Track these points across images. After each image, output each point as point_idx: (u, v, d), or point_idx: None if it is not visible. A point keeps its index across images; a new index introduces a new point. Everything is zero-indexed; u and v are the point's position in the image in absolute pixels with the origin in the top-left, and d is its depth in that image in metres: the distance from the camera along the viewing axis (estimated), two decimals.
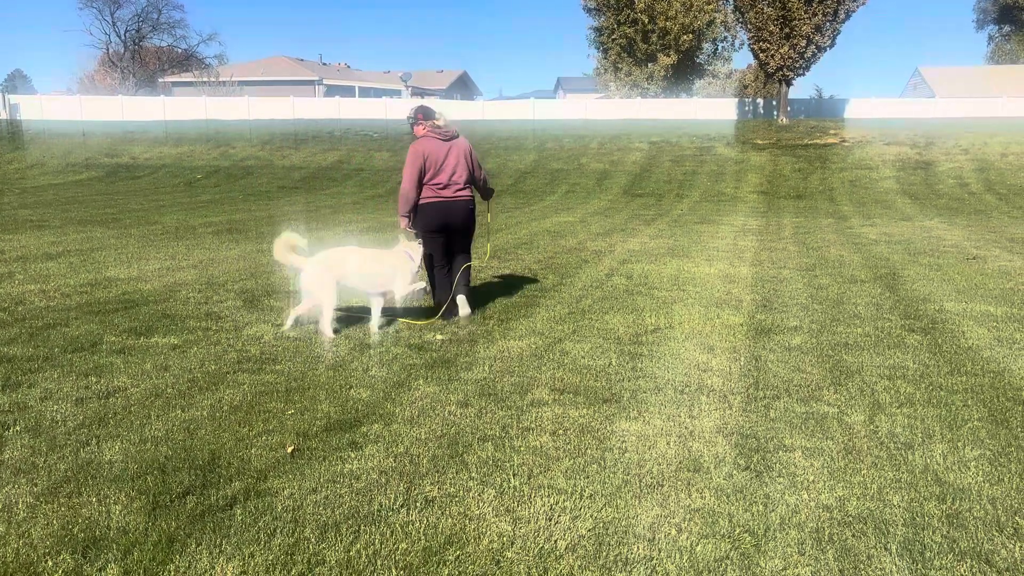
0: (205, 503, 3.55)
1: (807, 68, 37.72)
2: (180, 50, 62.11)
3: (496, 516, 3.49)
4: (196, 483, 3.75)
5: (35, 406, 4.79)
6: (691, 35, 47.25)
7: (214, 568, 3.03)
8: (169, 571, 3.00)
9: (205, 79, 60.22)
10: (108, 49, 60.10)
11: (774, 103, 42.46)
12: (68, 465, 3.94)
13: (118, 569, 3.01)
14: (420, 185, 7.16)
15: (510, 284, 9.00)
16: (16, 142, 35.54)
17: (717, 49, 52.00)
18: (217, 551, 3.15)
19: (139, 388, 5.15)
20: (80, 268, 9.64)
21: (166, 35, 61.07)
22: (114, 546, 3.17)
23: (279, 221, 15.65)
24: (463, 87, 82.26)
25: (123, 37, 58.52)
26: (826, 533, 3.36)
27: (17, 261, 10.11)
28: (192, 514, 3.45)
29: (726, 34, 50.50)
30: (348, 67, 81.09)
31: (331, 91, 62.82)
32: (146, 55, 61.21)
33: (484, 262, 10.15)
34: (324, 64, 77.37)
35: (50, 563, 3.04)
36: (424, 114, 7.49)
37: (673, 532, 3.37)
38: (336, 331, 6.61)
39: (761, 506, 3.61)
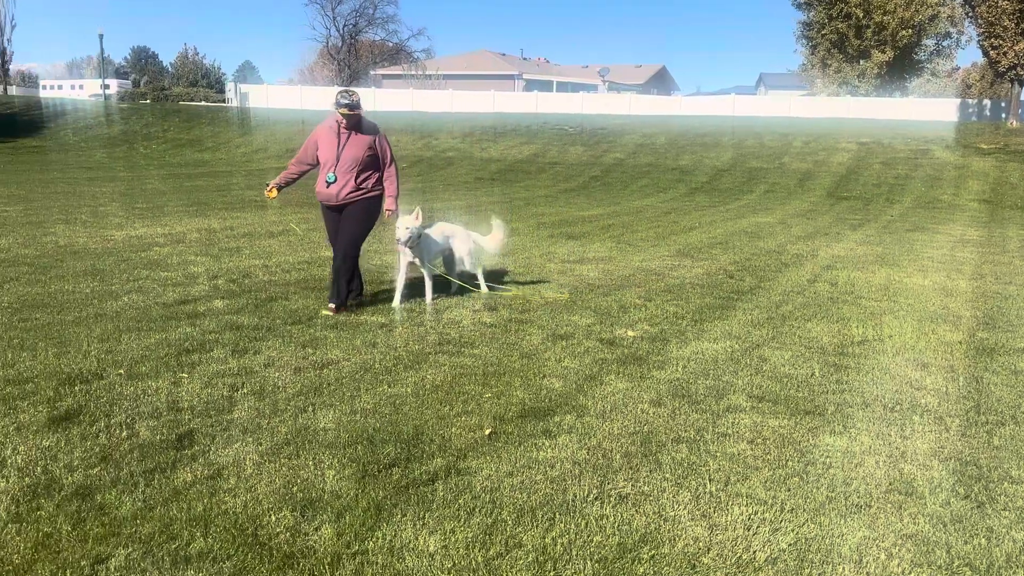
0: (409, 476, 3.73)
1: None
2: (391, 44, 65.23)
3: (692, 520, 3.43)
4: (401, 456, 3.95)
5: (260, 372, 5.20)
6: (910, 30, 44.12)
7: (417, 539, 3.18)
8: (376, 538, 3.17)
9: (412, 72, 62.93)
10: (327, 42, 64.14)
11: (1003, 104, 38.95)
12: (288, 428, 4.26)
13: (331, 531, 3.21)
14: None
15: (704, 284, 8.80)
16: (244, 128, 38.72)
17: (939, 45, 48.31)
18: (420, 523, 3.30)
19: (350, 362, 5.47)
20: (298, 247, 10.37)
21: (380, 29, 64.19)
22: (328, 508, 3.39)
23: (476, 211, 16.12)
24: (660, 82, 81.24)
25: (341, 31, 62.19)
26: None
27: (244, 237, 11.02)
28: (398, 485, 3.63)
29: (951, 30, 46.79)
30: (547, 62, 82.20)
31: (530, 85, 63.94)
32: (360, 48, 64.77)
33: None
34: (524, 59, 78.85)
35: (273, 518, 3.30)
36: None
37: (883, 557, 3.18)
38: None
39: (984, 539, 3.33)
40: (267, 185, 7.19)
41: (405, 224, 6.99)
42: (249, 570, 2.91)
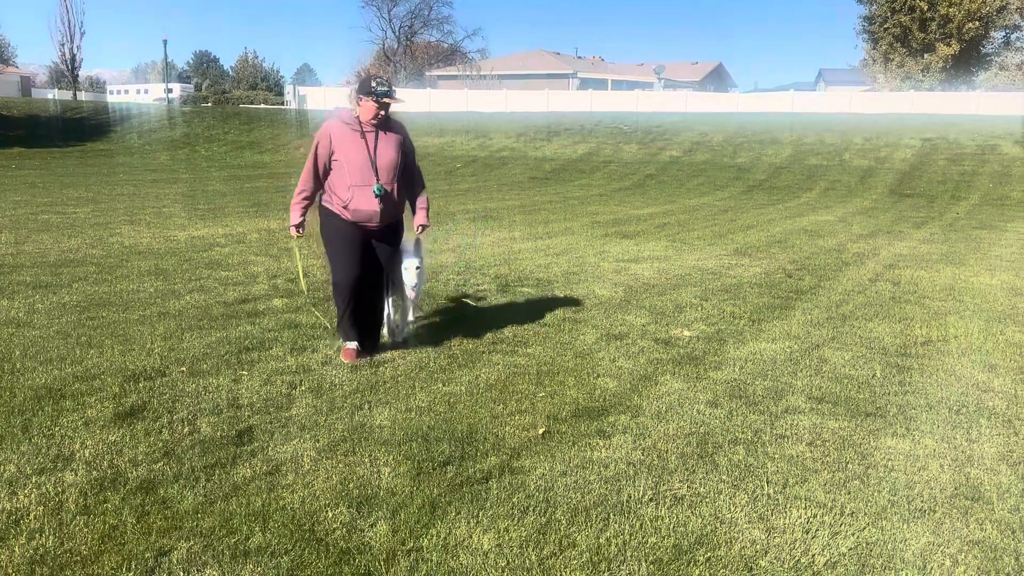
0: (464, 474, 3.74)
1: None
2: (446, 45, 65.72)
3: (749, 522, 3.38)
4: (455, 454, 3.97)
5: (317, 369, 5.28)
6: (977, 23, 42.88)
7: (471, 537, 3.19)
8: (431, 535, 3.19)
9: (467, 72, 63.27)
10: (383, 44, 64.89)
11: None
12: (345, 426, 4.31)
13: (387, 527, 3.24)
14: None
15: (762, 283, 8.66)
16: (303, 129, 39.34)
17: (1007, 38, 46.80)
18: (474, 521, 3.31)
19: (405, 360, 5.52)
20: None
21: (435, 31, 64.95)
22: (384, 505, 3.43)
23: (531, 211, 16.14)
24: (717, 79, 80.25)
25: (397, 33, 62.95)
26: None
27: (302, 238, 11.18)
28: (452, 483, 3.65)
29: (1020, 22, 45.29)
30: (602, 60, 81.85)
31: (584, 84, 63.73)
32: (416, 50, 65.38)
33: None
34: (579, 57, 78.65)
35: (330, 514, 3.34)
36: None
37: (948, 563, 3.09)
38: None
39: None
40: (293, 229, 5.74)
41: (416, 264, 5.66)
42: (306, 565, 2.95)
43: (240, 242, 10.68)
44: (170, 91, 62.54)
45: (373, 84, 5.28)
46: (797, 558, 3.10)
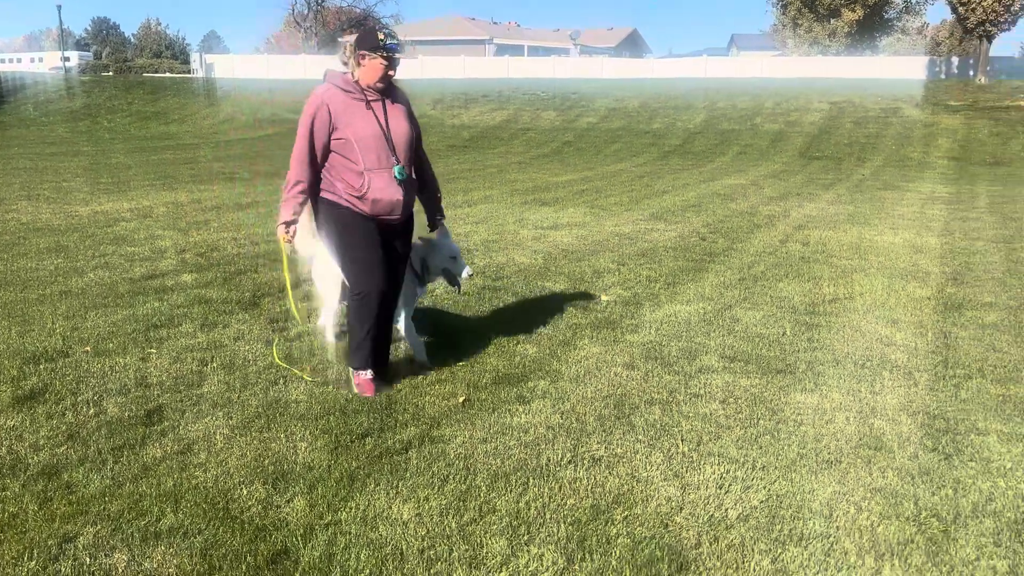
0: (383, 445, 3.71)
1: (1013, 23, 34.51)
2: (359, 10, 64.21)
3: (664, 480, 3.45)
4: (374, 426, 3.93)
5: (229, 345, 5.15)
6: None
7: (391, 508, 3.16)
8: (350, 508, 3.16)
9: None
10: (293, 10, 63.03)
11: (971, 61, 39.12)
12: (259, 402, 4.22)
13: (304, 502, 3.19)
14: None
15: (677, 247, 8.81)
16: (211, 99, 38.10)
17: (908, 3, 48.34)
18: (394, 492, 3.29)
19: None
20: (267, 218, 10.24)
21: None
22: (301, 480, 3.37)
23: (450, 179, 16.02)
24: (633, 45, 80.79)
25: None
26: None
27: (212, 210, 10.87)
28: (371, 455, 3.61)
29: None
30: (518, 26, 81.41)
31: (501, 50, 63.31)
32: (327, 15, 63.75)
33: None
34: (495, 23, 78.04)
35: (245, 491, 3.27)
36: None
37: (852, 510, 3.21)
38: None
39: (951, 491, 3.38)
40: (282, 228, 4.33)
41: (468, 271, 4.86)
42: (221, 544, 2.89)
43: (147, 216, 10.30)
44: (67, 60, 59.59)
45: (380, 36, 4.12)
46: (711, 513, 3.18)
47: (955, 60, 41.93)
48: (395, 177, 4.23)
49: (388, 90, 4.30)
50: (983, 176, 18.86)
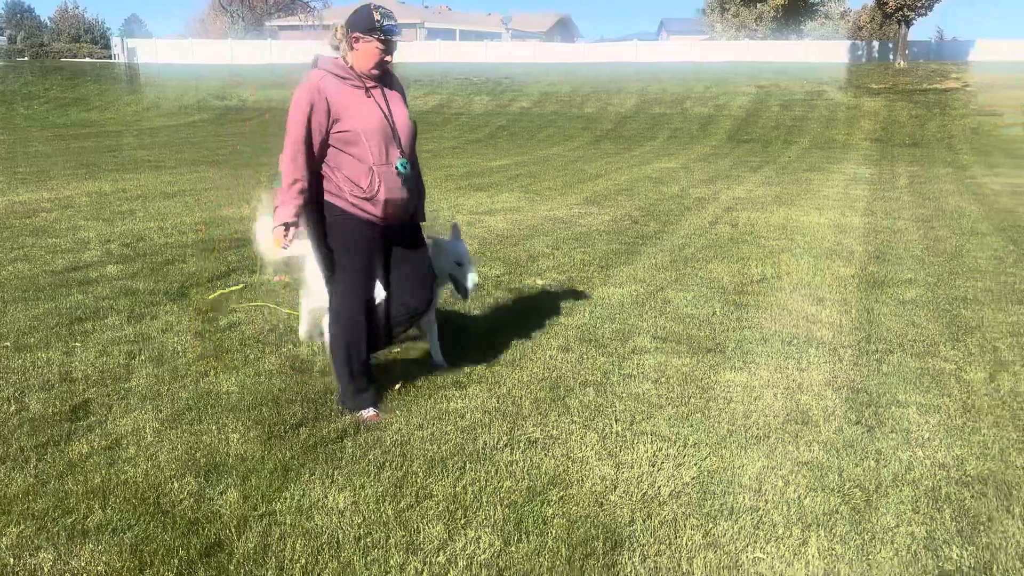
0: (317, 435, 3.68)
1: (929, 7, 35.61)
2: None
3: (599, 460, 3.50)
4: (309, 415, 3.89)
5: (158, 337, 5.03)
6: None
7: (326, 497, 3.15)
8: (284, 498, 3.13)
9: (310, 23, 61.04)
10: None
11: (891, 45, 40.25)
12: (189, 394, 4.14)
13: (237, 494, 3.15)
14: None
15: (610, 231, 8.90)
16: (134, 85, 37.00)
17: None
18: (329, 481, 3.27)
19: (254, 323, 5.34)
20: (195, 207, 10.02)
21: None
22: (233, 472, 3.33)
23: None
24: (564, 29, 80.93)
25: None
26: (943, 492, 3.25)
27: (138, 199, 10.57)
28: (305, 445, 3.58)
29: None
30: (449, 9, 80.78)
31: (432, 34, 62.82)
32: None
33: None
34: (425, 7, 77.29)
35: (176, 485, 3.21)
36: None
37: (780, 484, 3.31)
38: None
39: (873, 462, 3.51)
40: (280, 230, 3.74)
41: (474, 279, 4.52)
42: (152, 539, 2.83)
43: (68, 207, 9.96)
44: None
45: (377, 17, 3.71)
46: (644, 490, 3.24)
47: (876, 44, 43.10)
48: (399, 171, 3.81)
49: (384, 76, 3.89)
50: (903, 157, 19.47)
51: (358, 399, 3.94)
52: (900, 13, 35.76)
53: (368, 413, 3.92)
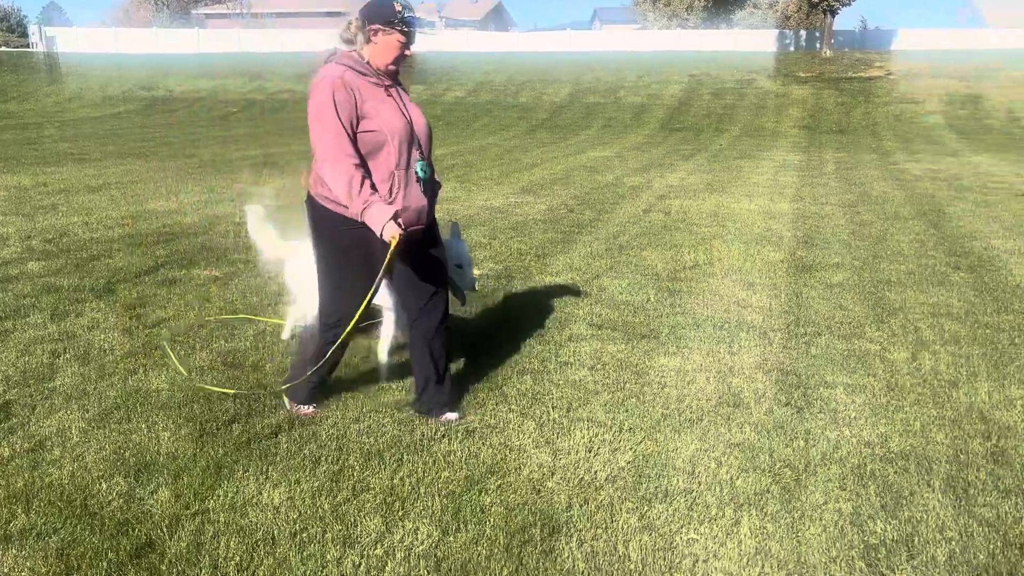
0: (251, 431, 3.62)
1: None
2: None
3: (536, 447, 3.52)
4: (242, 411, 3.82)
5: (83, 335, 4.88)
6: None
7: (261, 494, 3.10)
8: (218, 496, 3.08)
9: (238, 11, 59.75)
10: None
11: (817, 34, 41.20)
12: (117, 392, 4.03)
13: (169, 493, 3.09)
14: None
15: (546, 220, 8.94)
16: (54, 75, 35.73)
17: None
18: (263, 477, 3.22)
19: (183, 319, 5.22)
20: (121, 201, 9.74)
21: None
22: (164, 471, 3.25)
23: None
24: (498, 18, 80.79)
25: None
26: (868, 469, 3.35)
27: (60, 193, 10.23)
28: (238, 441, 3.52)
29: None
30: None
31: None
32: None
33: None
34: None
35: (104, 486, 3.13)
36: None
37: (713, 465, 3.38)
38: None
39: (802, 441, 3.60)
40: (393, 226, 3.35)
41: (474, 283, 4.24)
42: (79, 542, 2.76)
43: None
44: None
45: (398, 8, 3.42)
46: (581, 476, 3.28)
47: (803, 33, 44.05)
48: (418, 176, 3.52)
49: (396, 74, 3.62)
50: (830, 144, 19.97)
51: (307, 394, 3.84)
52: (825, 3, 36.61)
53: (308, 409, 3.85)
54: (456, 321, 5.22)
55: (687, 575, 2.67)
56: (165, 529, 2.84)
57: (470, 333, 5.02)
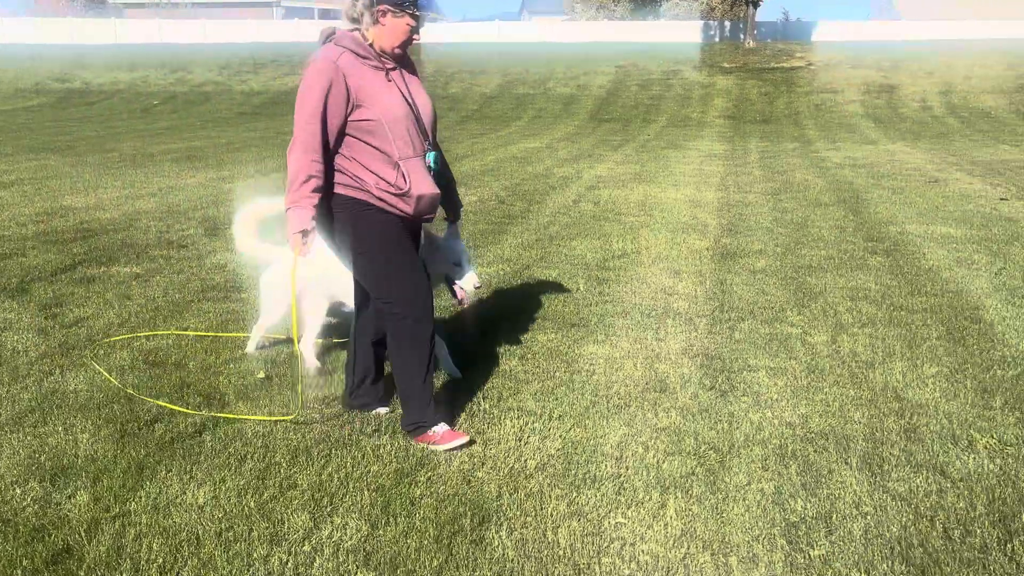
0: (174, 430, 3.54)
1: None
2: None
3: None
4: (164, 411, 3.73)
5: None
6: None
7: (185, 494, 3.04)
8: (140, 497, 3.00)
9: (158, 1, 58.08)
10: None
11: (741, 25, 42.00)
12: (32, 395, 3.89)
13: (88, 496, 3.00)
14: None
15: (477, 211, 8.94)
16: None
17: None
18: (187, 477, 3.16)
19: (102, 318, 5.07)
20: (35, 197, 9.40)
21: None
22: (83, 474, 3.16)
23: (240, 148, 15.36)
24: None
25: None
26: (789, 449, 3.45)
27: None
28: (161, 441, 3.44)
29: None
30: None
31: (290, 13, 60.90)
32: None
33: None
34: None
35: (18, 491, 3.02)
36: None
37: (640, 450, 3.43)
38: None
39: (726, 424, 3.68)
40: (298, 238, 3.34)
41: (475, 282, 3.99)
42: None
43: None
44: None
45: None
46: (511, 464, 3.29)
47: (727, 24, 44.86)
48: (428, 166, 3.45)
49: (403, 57, 3.48)
50: (754, 133, 20.41)
51: (432, 413, 3.48)
52: None
53: (439, 429, 3.44)
54: None
55: (615, 559, 2.71)
56: (83, 533, 2.76)
57: None
